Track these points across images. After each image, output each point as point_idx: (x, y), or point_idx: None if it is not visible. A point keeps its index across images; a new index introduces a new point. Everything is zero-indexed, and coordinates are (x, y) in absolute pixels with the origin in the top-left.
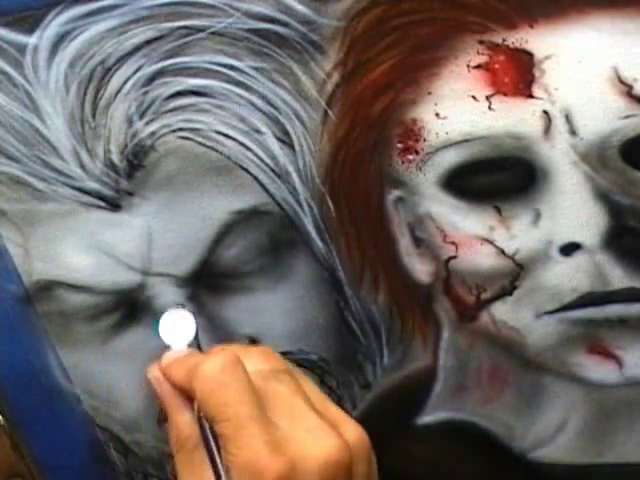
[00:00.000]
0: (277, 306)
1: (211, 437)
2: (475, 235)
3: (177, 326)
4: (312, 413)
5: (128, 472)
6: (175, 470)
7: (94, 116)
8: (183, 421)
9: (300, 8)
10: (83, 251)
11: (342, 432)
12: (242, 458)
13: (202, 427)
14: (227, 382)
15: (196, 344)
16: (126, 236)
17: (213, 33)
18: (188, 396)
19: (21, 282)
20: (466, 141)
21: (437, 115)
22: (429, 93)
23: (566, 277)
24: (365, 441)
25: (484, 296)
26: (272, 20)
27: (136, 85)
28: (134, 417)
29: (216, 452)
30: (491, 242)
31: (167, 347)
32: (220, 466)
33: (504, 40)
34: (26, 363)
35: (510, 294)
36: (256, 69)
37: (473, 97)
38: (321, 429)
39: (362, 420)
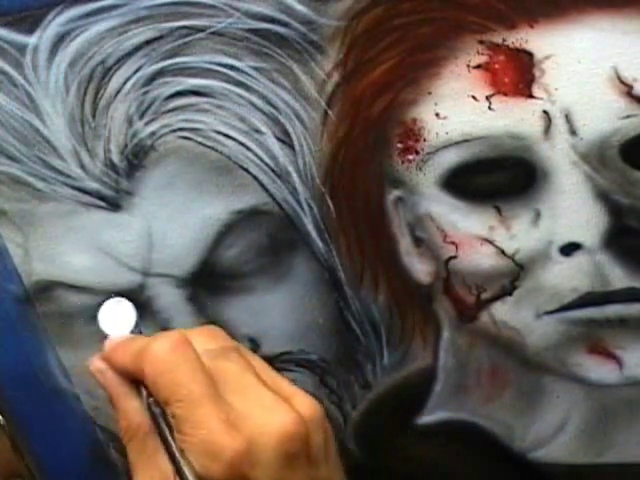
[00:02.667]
0: (277, 306)
1: (163, 421)
2: (475, 235)
3: (117, 315)
4: (264, 389)
5: (128, 472)
6: (129, 461)
7: (94, 116)
8: (132, 409)
9: (300, 8)
10: (83, 251)
11: (295, 405)
12: (198, 438)
13: (152, 412)
14: (178, 362)
15: (138, 332)
16: (126, 236)
17: (213, 33)
18: (134, 382)
19: (21, 282)
20: (466, 141)
21: (437, 115)
22: (429, 93)
23: (566, 277)
24: (319, 412)
25: (484, 296)
26: (272, 20)
27: (136, 85)
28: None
29: (169, 436)
30: (491, 242)
31: (107, 337)
32: (175, 450)
33: (504, 40)
34: (26, 363)
35: (510, 294)
36: (256, 69)
37: (473, 97)
38: (275, 404)
39: (362, 420)
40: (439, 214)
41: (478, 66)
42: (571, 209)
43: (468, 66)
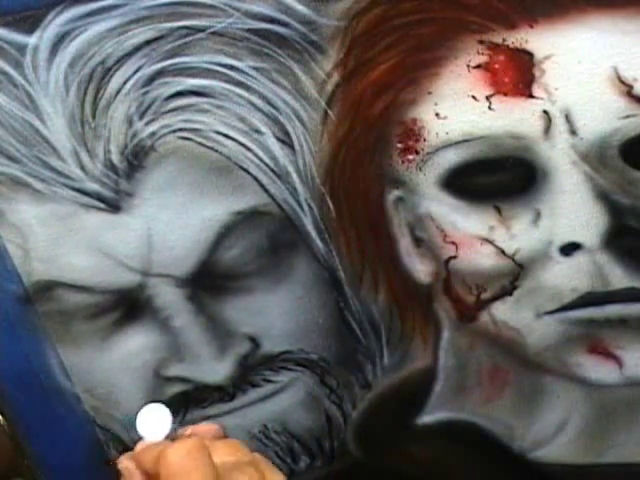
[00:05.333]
0: (277, 306)
1: None
2: (475, 235)
3: (154, 420)
4: None
5: None
6: None
7: (94, 116)
8: None
9: (300, 8)
10: (83, 252)
11: None
12: None
13: None
14: (190, 467)
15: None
16: (126, 237)
17: (213, 33)
18: None
19: (21, 282)
20: (466, 141)
21: (437, 115)
22: (429, 93)
23: (566, 277)
24: None
25: (484, 296)
26: (272, 20)
27: (136, 85)
28: (134, 417)
29: None
30: (491, 242)
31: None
32: None
33: (504, 40)
34: (26, 363)
35: (510, 294)
36: (256, 69)
37: (473, 97)
38: None
39: (362, 420)
40: (439, 214)
41: (478, 66)
42: (571, 209)
43: (468, 66)
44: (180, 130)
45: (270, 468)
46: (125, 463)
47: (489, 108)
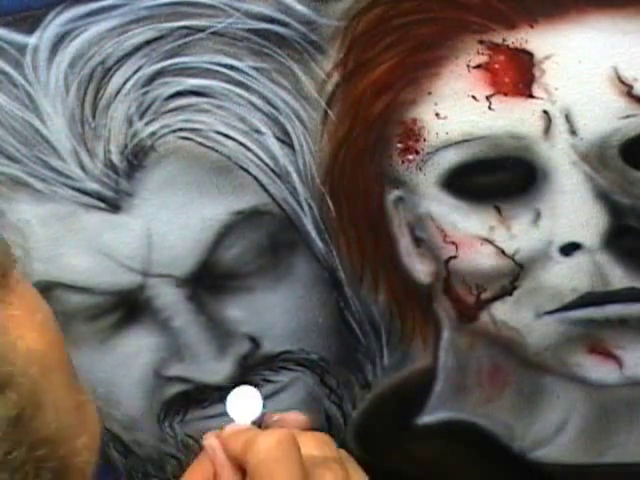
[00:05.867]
0: (277, 306)
1: None
2: (475, 235)
3: (245, 402)
4: None
5: (128, 472)
6: None
7: (94, 116)
8: None
9: (300, 8)
10: (83, 252)
11: None
12: None
13: None
14: (279, 458)
15: (261, 424)
16: (126, 237)
17: (213, 33)
18: (241, 469)
19: None
20: (466, 141)
21: (437, 115)
22: (429, 93)
23: (566, 277)
24: None
25: (484, 296)
26: (272, 20)
27: (136, 85)
28: (134, 417)
29: None
30: (491, 242)
31: (232, 420)
32: None
33: (504, 40)
34: None
35: (510, 294)
36: (256, 69)
37: (473, 97)
38: None
39: (362, 420)
40: (439, 214)
41: (478, 66)
42: (571, 209)
43: (468, 66)
44: (180, 130)
45: (354, 467)
46: (211, 441)
47: (489, 108)
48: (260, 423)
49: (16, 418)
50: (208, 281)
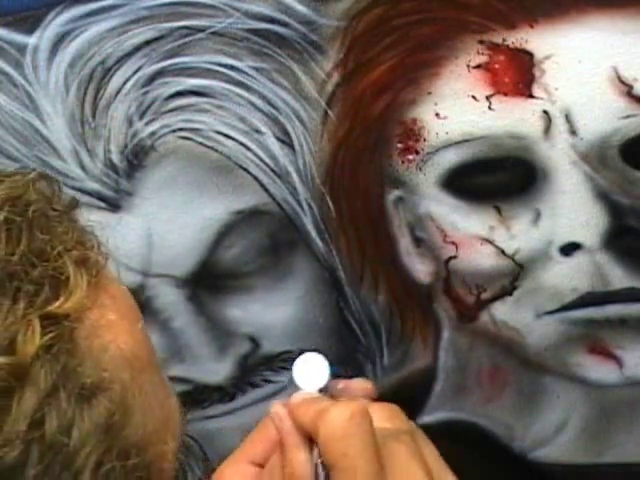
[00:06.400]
0: (277, 306)
1: None
2: (475, 235)
3: (312, 369)
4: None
5: None
6: None
7: (94, 116)
8: (300, 460)
9: (300, 8)
10: None
11: None
12: None
13: (317, 472)
14: (352, 432)
15: (327, 391)
16: (126, 237)
17: (213, 33)
18: (309, 438)
19: None
20: (466, 141)
21: (437, 115)
22: (429, 93)
23: (566, 277)
24: None
25: (484, 296)
26: (272, 20)
27: (136, 85)
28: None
29: None
30: (491, 242)
31: (298, 388)
32: None
33: (504, 40)
34: None
35: (510, 294)
36: (256, 69)
37: (473, 97)
38: None
39: None
40: (439, 214)
41: (478, 66)
42: (571, 209)
43: (468, 66)
44: (180, 130)
45: (425, 440)
46: (278, 409)
47: (489, 108)
48: (326, 390)
49: (106, 424)
50: (208, 281)
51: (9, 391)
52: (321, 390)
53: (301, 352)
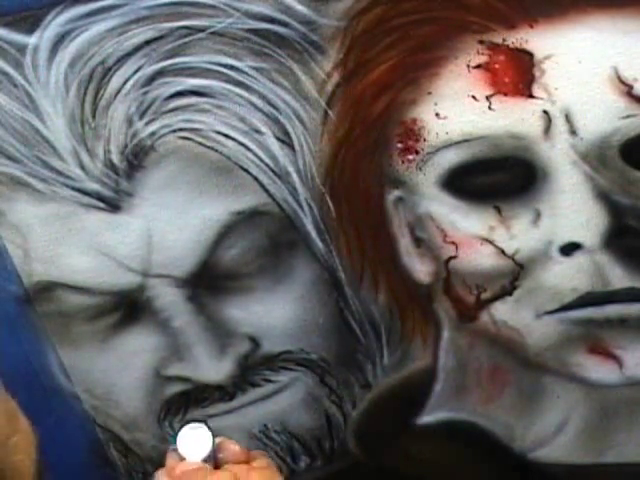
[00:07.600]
0: (277, 306)
1: None
2: (475, 235)
3: (195, 440)
4: None
5: (128, 472)
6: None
7: (94, 116)
8: None
9: (300, 8)
10: (83, 252)
11: None
12: None
13: None
14: None
15: (211, 458)
16: (126, 237)
17: (213, 33)
18: None
19: (21, 283)
20: (466, 141)
21: (437, 115)
22: (429, 93)
23: (566, 277)
24: None
25: (484, 296)
26: (272, 20)
27: (136, 85)
28: (134, 416)
29: None
30: (491, 242)
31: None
32: None
33: (504, 40)
34: (26, 363)
35: (510, 294)
36: (256, 69)
37: (473, 97)
38: None
39: (362, 420)
40: (439, 214)
41: (478, 66)
42: (571, 209)
43: (468, 66)
44: (180, 130)
45: None
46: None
47: (489, 108)
48: (209, 459)
49: None
50: (208, 281)
51: None
52: (204, 460)
53: (301, 352)
